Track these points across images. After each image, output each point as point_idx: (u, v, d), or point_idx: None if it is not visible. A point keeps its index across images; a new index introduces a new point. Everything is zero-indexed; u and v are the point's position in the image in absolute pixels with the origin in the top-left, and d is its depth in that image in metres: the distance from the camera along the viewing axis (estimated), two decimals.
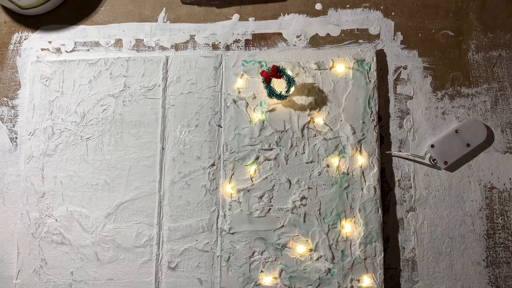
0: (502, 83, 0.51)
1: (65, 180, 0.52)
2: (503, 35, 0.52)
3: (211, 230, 0.49)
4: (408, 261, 0.48)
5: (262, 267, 0.48)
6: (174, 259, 0.49)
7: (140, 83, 0.53)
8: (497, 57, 0.52)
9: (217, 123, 0.51)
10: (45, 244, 0.51)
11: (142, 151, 0.52)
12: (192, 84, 0.52)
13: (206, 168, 0.51)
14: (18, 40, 0.58)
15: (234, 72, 0.52)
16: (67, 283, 0.50)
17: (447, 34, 0.53)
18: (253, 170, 0.50)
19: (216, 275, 0.49)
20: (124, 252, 0.50)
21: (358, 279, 0.47)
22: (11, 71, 0.57)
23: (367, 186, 0.48)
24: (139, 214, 0.51)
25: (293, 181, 0.49)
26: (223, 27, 0.55)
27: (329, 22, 0.54)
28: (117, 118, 0.53)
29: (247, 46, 0.54)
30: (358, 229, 0.48)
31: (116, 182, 0.52)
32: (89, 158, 0.52)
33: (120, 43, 0.56)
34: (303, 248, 0.48)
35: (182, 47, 0.55)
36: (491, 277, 0.47)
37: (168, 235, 0.50)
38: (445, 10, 0.53)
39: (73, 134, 0.53)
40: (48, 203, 0.52)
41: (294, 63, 0.51)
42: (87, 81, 0.54)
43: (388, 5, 0.54)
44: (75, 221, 0.51)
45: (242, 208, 0.49)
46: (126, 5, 0.58)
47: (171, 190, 0.51)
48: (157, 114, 0.52)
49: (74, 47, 0.57)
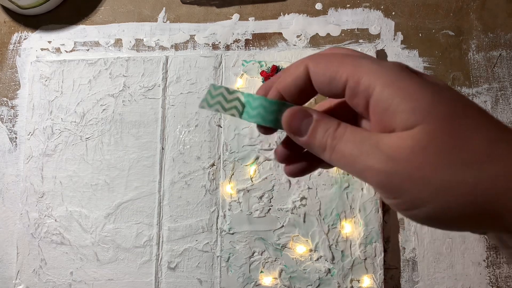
0: (503, 83, 0.51)
1: (64, 180, 0.52)
2: (503, 35, 0.52)
3: (211, 230, 0.49)
4: (408, 262, 0.48)
5: (262, 267, 0.48)
6: (174, 259, 0.49)
7: (140, 83, 0.53)
8: (497, 57, 0.51)
9: (217, 123, 0.51)
10: (44, 244, 0.51)
11: (142, 151, 0.52)
12: (192, 84, 0.52)
13: (206, 168, 0.50)
14: (18, 40, 0.58)
15: (234, 72, 0.52)
16: (66, 283, 0.50)
17: (448, 34, 0.52)
18: (253, 170, 0.50)
19: (216, 275, 0.49)
20: (124, 252, 0.50)
21: (358, 279, 0.47)
22: (10, 71, 0.57)
23: (367, 186, 0.48)
24: (139, 214, 0.51)
25: (293, 181, 0.49)
26: (223, 27, 0.55)
27: (329, 22, 0.54)
28: (116, 118, 0.53)
29: (247, 46, 0.54)
30: (358, 229, 0.47)
31: (116, 182, 0.51)
32: (89, 158, 0.52)
33: (120, 43, 0.56)
34: (303, 248, 0.48)
35: (182, 47, 0.55)
36: (491, 277, 0.47)
37: (168, 235, 0.50)
38: (446, 10, 0.53)
39: (73, 134, 0.53)
40: (47, 203, 0.52)
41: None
42: (86, 81, 0.54)
43: (389, 5, 0.54)
44: (75, 221, 0.51)
45: (242, 208, 0.49)
46: (125, 5, 0.58)
47: (171, 190, 0.51)
48: (156, 114, 0.52)
49: (74, 47, 0.57)
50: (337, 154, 0.21)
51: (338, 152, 0.21)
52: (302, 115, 0.22)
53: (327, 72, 0.21)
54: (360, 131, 0.20)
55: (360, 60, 0.21)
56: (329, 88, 0.21)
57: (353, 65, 0.20)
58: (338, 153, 0.21)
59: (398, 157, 0.19)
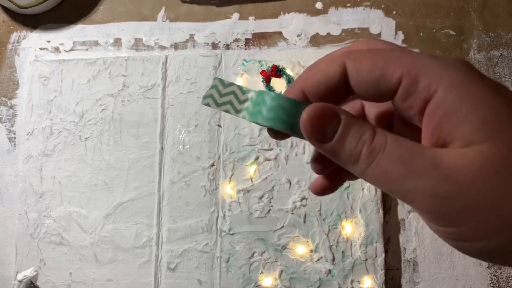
0: (504, 82, 0.50)
1: (63, 180, 0.52)
2: (504, 34, 0.52)
3: (210, 231, 0.49)
4: (409, 262, 0.48)
5: (262, 268, 0.48)
6: (174, 260, 0.49)
7: (139, 83, 0.53)
8: (498, 56, 0.51)
9: (216, 123, 0.51)
10: (43, 244, 0.51)
11: (141, 151, 0.51)
12: (192, 83, 0.52)
13: (205, 169, 0.50)
14: (17, 39, 0.58)
15: (234, 72, 0.52)
16: (66, 283, 0.50)
17: (449, 33, 0.52)
18: (253, 171, 0.49)
19: (216, 276, 0.48)
20: (123, 253, 0.50)
21: (359, 280, 0.46)
22: (9, 70, 0.57)
23: (367, 187, 0.48)
24: (138, 214, 0.50)
25: (293, 182, 0.49)
26: (223, 26, 0.55)
27: (329, 21, 0.54)
28: (116, 118, 0.52)
29: (247, 45, 0.54)
30: (359, 229, 0.47)
31: (115, 182, 0.51)
32: (88, 158, 0.52)
33: (119, 42, 0.56)
34: (303, 249, 0.47)
35: (181, 46, 0.55)
36: (492, 278, 0.47)
37: (167, 235, 0.50)
38: (446, 9, 0.53)
39: (72, 134, 0.53)
40: (46, 203, 0.52)
41: (294, 63, 0.51)
42: (85, 81, 0.54)
43: (389, 4, 0.53)
44: (74, 221, 0.51)
45: (241, 208, 0.49)
46: (125, 4, 0.57)
47: (170, 190, 0.50)
48: (156, 114, 0.52)
49: (73, 47, 0.57)
50: (376, 170, 0.17)
51: (378, 167, 0.17)
52: (328, 114, 0.18)
53: (375, 69, 0.17)
54: (408, 142, 0.17)
55: (416, 54, 0.17)
56: (377, 88, 0.18)
57: (409, 60, 0.17)
58: (378, 168, 0.17)
59: (461, 180, 0.15)
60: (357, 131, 0.17)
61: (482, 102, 0.15)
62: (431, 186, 0.16)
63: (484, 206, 0.15)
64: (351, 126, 0.17)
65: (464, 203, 0.15)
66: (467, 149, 0.15)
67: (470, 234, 0.16)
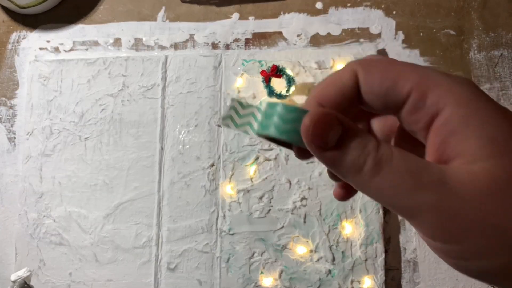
0: (504, 82, 0.50)
1: (63, 180, 0.52)
2: (505, 34, 0.52)
3: (210, 231, 0.49)
4: (409, 262, 0.48)
5: (262, 268, 0.48)
6: (174, 260, 0.49)
7: (139, 83, 0.53)
8: (499, 56, 0.51)
9: (216, 123, 0.51)
10: (43, 244, 0.51)
11: (141, 151, 0.51)
12: (192, 83, 0.52)
13: (205, 169, 0.50)
14: (17, 39, 0.58)
15: (234, 72, 0.52)
16: (65, 284, 0.50)
17: (449, 33, 0.52)
18: (253, 171, 0.49)
19: (216, 276, 0.48)
20: (123, 253, 0.50)
21: (359, 280, 0.46)
22: (9, 70, 0.57)
23: None
24: (138, 214, 0.50)
25: (293, 182, 0.49)
26: (223, 26, 0.55)
27: (329, 21, 0.54)
28: (115, 118, 0.52)
29: (247, 45, 0.54)
30: (359, 230, 0.47)
31: (115, 182, 0.51)
32: (88, 158, 0.52)
33: (119, 42, 0.56)
34: (303, 249, 0.47)
35: (181, 46, 0.55)
36: None
37: (167, 236, 0.50)
38: (447, 9, 0.53)
39: (72, 134, 0.53)
40: (46, 203, 0.52)
41: (294, 62, 0.51)
42: (85, 81, 0.53)
43: (390, 4, 0.53)
44: (74, 221, 0.51)
45: (241, 208, 0.49)
46: (125, 4, 0.57)
47: (170, 190, 0.50)
48: (156, 114, 0.52)
49: (73, 46, 0.57)
50: (380, 183, 0.16)
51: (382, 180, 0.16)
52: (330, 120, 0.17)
53: (385, 81, 0.17)
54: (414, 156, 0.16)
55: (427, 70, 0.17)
56: (385, 100, 0.18)
57: (419, 75, 0.17)
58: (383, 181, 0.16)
59: (467, 196, 0.15)
60: (361, 140, 0.17)
61: (490, 121, 0.16)
62: (438, 201, 0.15)
63: (489, 225, 0.15)
64: (354, 135, 0.17)
65: (469, 219, 0.15)
66: (473, 165, 0.15)
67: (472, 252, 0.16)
